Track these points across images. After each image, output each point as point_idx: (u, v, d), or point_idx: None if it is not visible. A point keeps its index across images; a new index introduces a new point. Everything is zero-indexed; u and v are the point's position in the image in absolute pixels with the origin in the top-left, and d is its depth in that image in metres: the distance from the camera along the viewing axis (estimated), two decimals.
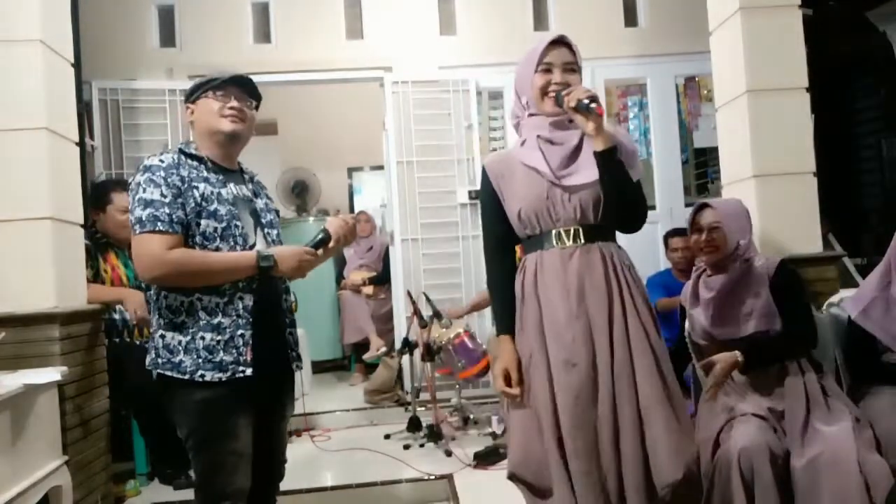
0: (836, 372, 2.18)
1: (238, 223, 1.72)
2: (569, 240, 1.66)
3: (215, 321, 1.67)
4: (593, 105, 1.55)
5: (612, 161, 1.60)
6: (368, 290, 5.13)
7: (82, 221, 2.65)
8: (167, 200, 1.64)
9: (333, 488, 2.88)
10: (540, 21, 4.45)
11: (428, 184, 4.24)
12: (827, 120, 3.92)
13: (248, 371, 1.68)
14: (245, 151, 1.89)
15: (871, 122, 4.88)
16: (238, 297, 1.69)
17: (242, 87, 1.80)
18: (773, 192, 2.67)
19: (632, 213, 1.67)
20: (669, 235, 4.05)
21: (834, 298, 2.44)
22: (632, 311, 1.64)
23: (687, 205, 4.55)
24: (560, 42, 1.69)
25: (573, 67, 1.68)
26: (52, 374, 2.17)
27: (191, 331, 1.66)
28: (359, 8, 4.35)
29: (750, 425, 1.86)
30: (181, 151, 1.75)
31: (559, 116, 1.68)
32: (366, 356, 4.86)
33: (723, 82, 2.94)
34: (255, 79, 1.84)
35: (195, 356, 1.65)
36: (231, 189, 1.77)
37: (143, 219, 1.62)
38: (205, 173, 1.73)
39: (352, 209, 6.50)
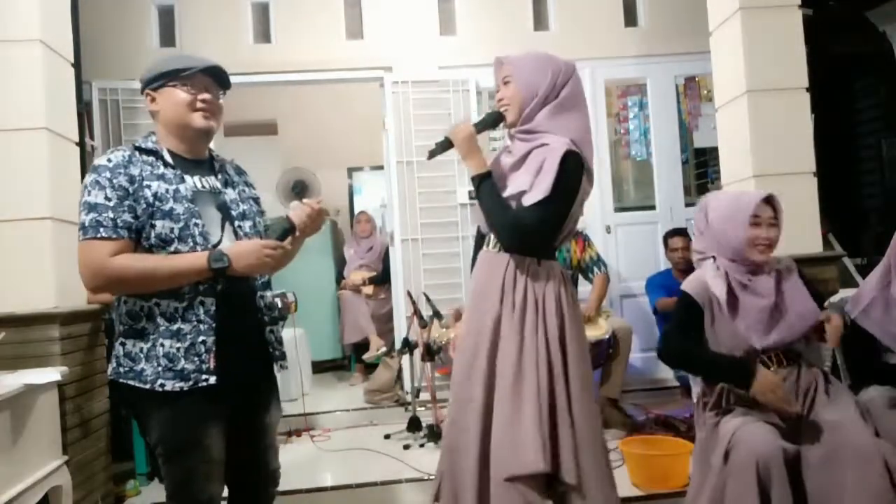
0: (836, 372, 2.18)
1: (198, 221, 1.59)
2: (491, 245, 1.84)
3: (174, 327, 1.56)
4: (440, 142, 1.84)
5: (474, 187, 1.79)
6: (368, 290, 5.13)
7: None
8: (111, 204, 1.52)
9: (333, 488, 2.88)
10: (540, 21, 4.45)
11: (428, 184, 4.24)
12: (827, 120, 3.91)
13: (212, 379, 1.56)
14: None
15: (871, 122, 4.88)
16: (199, 302, 1.58)
17: (214, 77, 1.67)
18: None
19: (498, 234, 1.77)
20: (669, 235, 4.06)
21: (834, 298, 2.45)
22: (518, 320, 1.73)
23: (687, 205, 4.56)
24: (497, 63, 1.87)
25: (507, 80, 1.82)
26: (52, 374, 2.17)
27: (151, 337, 1.56)
28: (359, 8, 4.35)
29: (759, 428, 1.81)
30: (135, 147, 1.62)
31: (518, 127, 1.81)
32: (366, 356, 4.86)
33: (723, 82, 2.95)
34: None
35: (155, 364, 1.55)
36: (191, 183, 1.63)
37: (87, 224, 1.52)
38: (161, 169, 1.60)
39: (352, 209, 6.50)
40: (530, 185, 1.68)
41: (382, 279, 5.06)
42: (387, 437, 3.53)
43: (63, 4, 2.63)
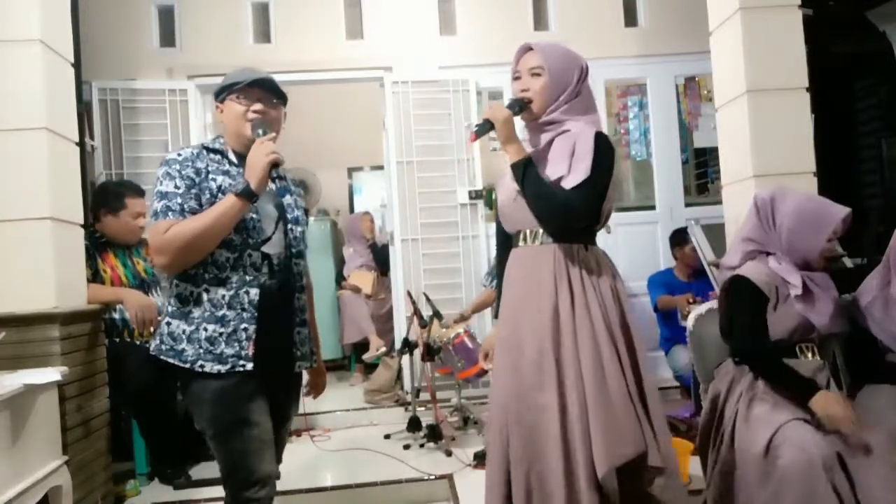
0: (836, 371, 2.18)
1: (254, 216, 1.72)
2: (529, 240, 1.79)
3: (220, 313, 1.67)
4: (481, 123, 1.74)
5: (515, 173, 1.74)
6: (368, 290, 5.15)
7: (82, 221, 2.65)
8: (181, 191, 1.66)
9: (333, 488, 2.88)
10: (540, 21, 4.45)
11: (428, 184, 4.24)
12: (827, 120, 3.91)
13: (249, 365, 1.67)
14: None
15: (871, 122, 4.87)
16: (244, 291, 1.69)
17: (265, 88, 1.79)
18: None
19: (546, 221, 1.73)
20: (681, 234, 4.00)
21: None
22: (582, 309, 1.69)
23: (687, 205, 4.56)
24: (528, 49, 1.79)
25: (537, 72, 1.76)
26: (52, 374, 2.17)
27: (195, 321, 1.67)
28: (359, 8, 4.35)
29: (802, 434, 1.78)
30: (204, 146, 1.77)
31: (538, 120, 1.78)
32: (366, 356, 4.86)
33: (723, 82, 2.94)
34: None
35: (197, 346, 1.66)
36: None
37: (158, 210, 1.65)
38: (226, 166, 1.75)
39: (352, 209, 6.50)
40: (568, 169, 1.67)
41: (384, 271, 5.13)
42: (387, 437, 3.53)
43: (63, 4, 2.63)
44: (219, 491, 2.89)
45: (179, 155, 1.72)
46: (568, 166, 1.68)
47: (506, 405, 1.71)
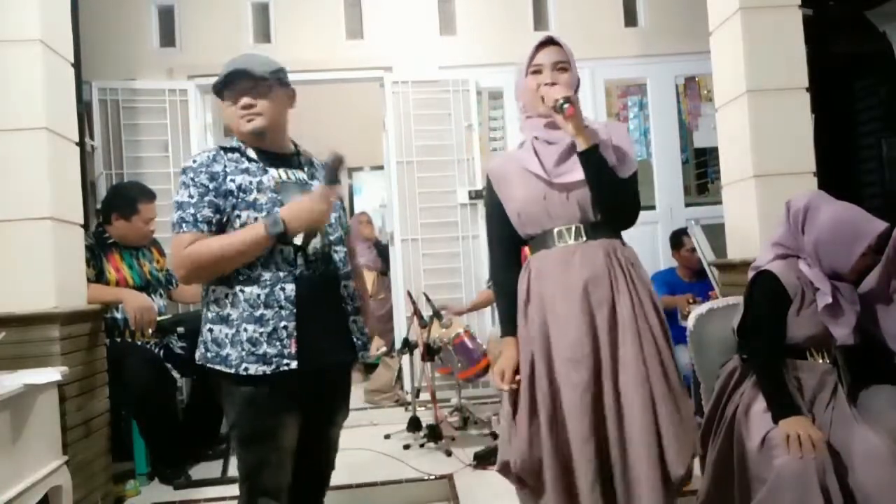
0: (837, 371, 2.18)
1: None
2: (571, 238, 1.68)
3: (258, 313, 1.62)
4: (565, 106, 1.58)
5: (589, 161, 1.62)
6: (368, 289, 5.15)
7: (82, 221, 2.65)
8: (193, 201, 1.63)
9: (333, 488, 2.86)
10: (540, 21, 4.45)
11: (428, 184, 4.24)
12: (827, 120, 3.91)
13: (293, 364, 1.62)
14: None
15: (871, 122, 4.87)
16: (279, 288, 1.64)
17: (247, 78, 1.71)
18: (773, 192, 2.66)
19: (618, 210, 1.68)
20: (683, 235, 4.00)
21: None
22: (638, 306, 1.64)
23: (687, 205, 4.56)
24: (550, 42, 1.72)
25: (564, 66, 1.71)
26: (52, 374, 2.17)
27: (235, 323, 1.63)
28: (359, 8, 4.35)
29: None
30: (220, 147, 1.73)
31: (552, 117, 1.69)
32: (367, 356, 4.87)
33: (723, 82, 2.94)
34: None
35: (240, 349, 1.61)
36: (275, 174, 1.71)
37: (175, 222, 1.64)
38: (245, 164, 1.70)
39: (352, 209, 6.50)
40: (615, 159, 1.66)
41: (384, 271, 5.13)
42: (387, 437, 3.53)
43: (63, 4, 2.62)
44: (219, 491, 2.90)
45: (194, 161, 1.68)
46: (612, 157, 1.65)
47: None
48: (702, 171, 5.34)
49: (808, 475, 1.69)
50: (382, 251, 5.29)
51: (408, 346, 3.62)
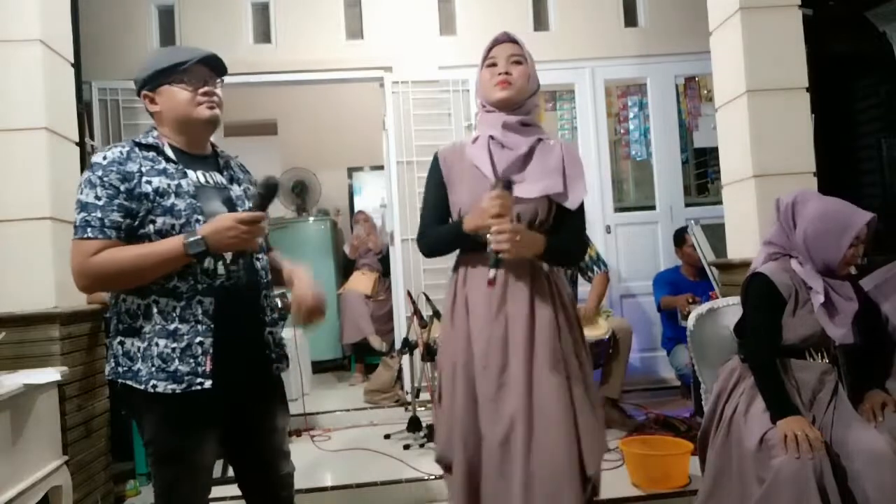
0: (838, 371, 2.18)
1: (199, 217, 1.52)
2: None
3: (171, 327, 1.50)
4: (500, 256, 1.54)
5: (546, 259, 1.68)
6: (368, 290, 5.15)
7: None
8: (101, 203, 1.48)
9: (333, 488, 2.88)
10: (540, 21, 4.45)
11: None
12: (827, 120, 3.91)
13: (207, 383, 1.50)
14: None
15: (871, 122, 4.87)
16: (197, 301, 1.52)
17: (209, 66, 1.60)
18: (773, 192, 2.65)
19: (576, 261, 1.80)
20: (686, 233, 4.00)
21: None
22: (552, 317, 1.66)
23: (687, 205, 4.56)
24: (506, 39, 1.74)
25: (518, 59, 1.72)
26: (52, 374, 2.18)
27: (147, 336, 1.50)
28: (359, 8, 4.35)
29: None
30: (135, 142, 1.58)
31: (514, 116, 1.70)
32: (375, 345, 4.93)
33: (723, 82, 2.95)
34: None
35: (150, 364, 1.49)
36: (194, 178, 1.58)
37: (77, 224, 1.49)
38: (162, 164, 1.55)
39: (352, 209, 6.50)
40: (564, 187, 1.67)
41: (385, 273, 5.13)
42: (387, 437, 3.53)
43: (63, 4, 2.63)
44: (218, 491, 2.90)
45: (104, 158, 1.52)
46: (562, 183, 1.67)
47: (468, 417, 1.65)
48: (702, 171, 5.34)
49: (805, 475, 1.69)
50: (384, 260, 5.28)
51: (408, 346, 3.62)
